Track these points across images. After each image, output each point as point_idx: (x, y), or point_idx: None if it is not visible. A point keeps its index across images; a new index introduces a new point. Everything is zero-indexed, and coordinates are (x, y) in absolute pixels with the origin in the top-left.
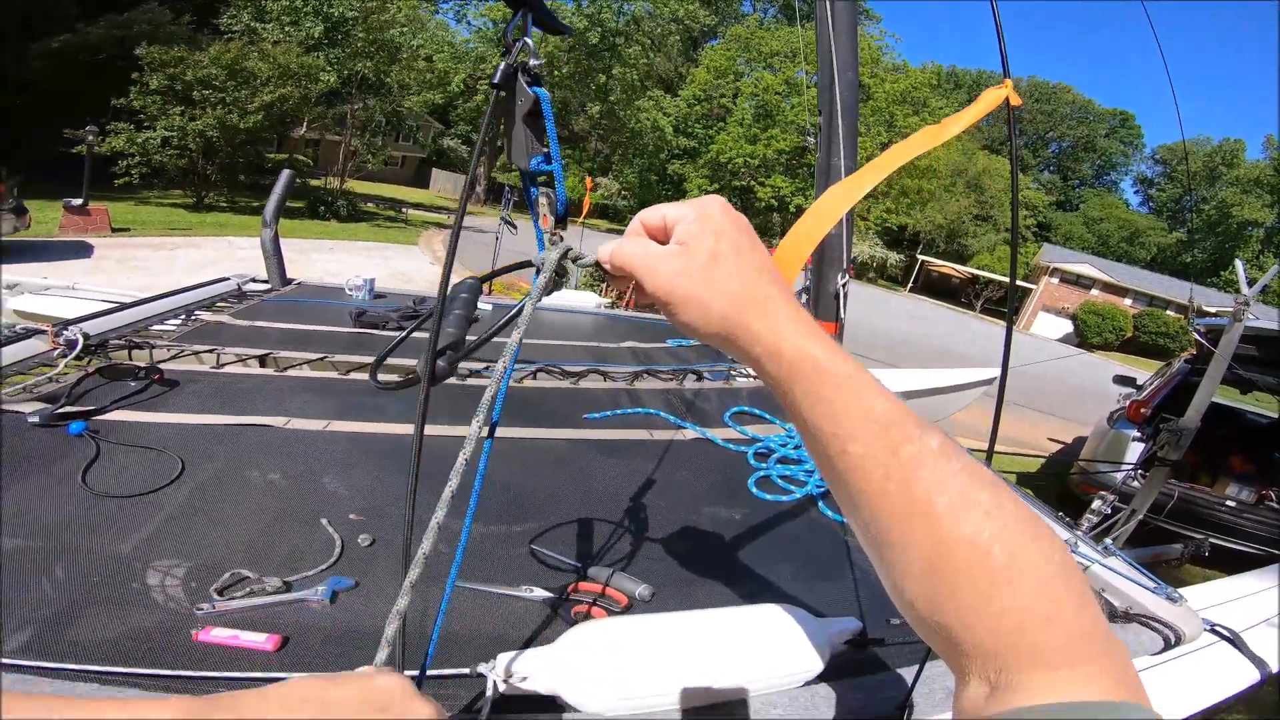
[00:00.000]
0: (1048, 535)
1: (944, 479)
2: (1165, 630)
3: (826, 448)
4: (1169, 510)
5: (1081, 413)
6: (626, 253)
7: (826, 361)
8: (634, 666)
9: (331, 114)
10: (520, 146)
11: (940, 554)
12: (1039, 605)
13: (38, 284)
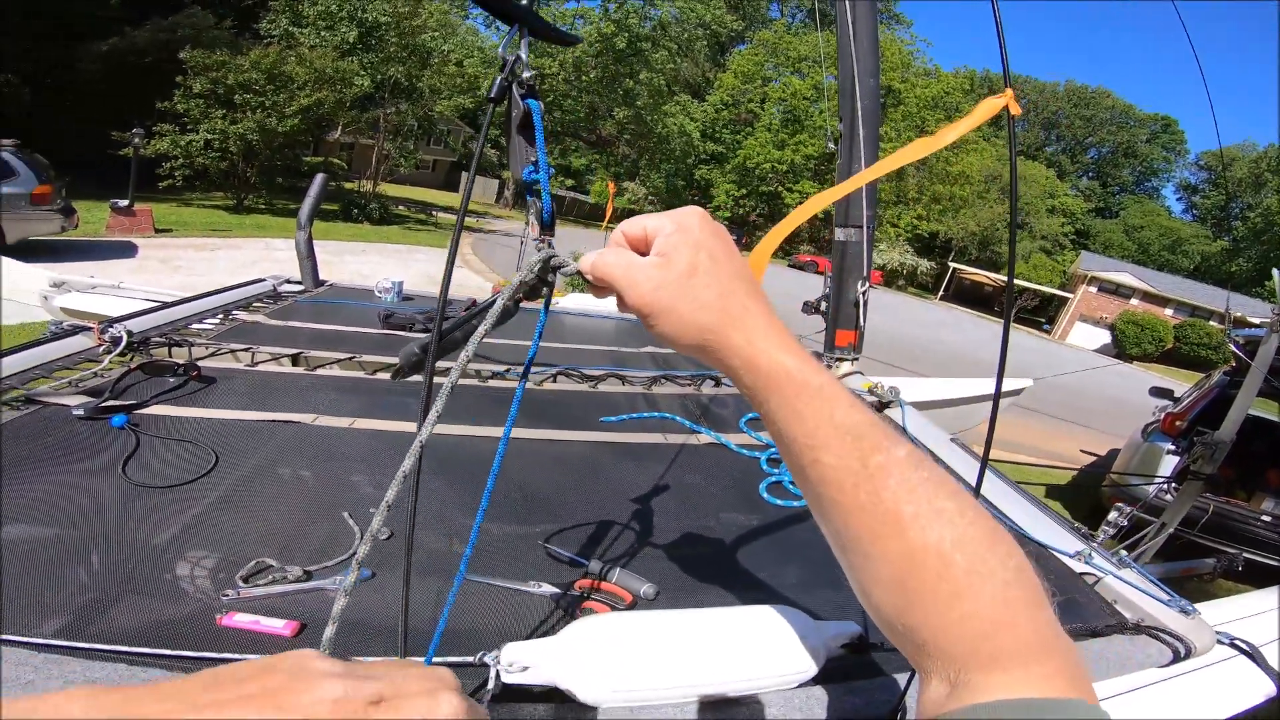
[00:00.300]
0: (1006, 541)
1: (911, 488)
2: (1175, 642)
3: (800, 457)
4: (1203, 525)
5: (1117, 425)
6: (607, 263)
7: (800, 373)
8: (633, 660)
9: (365, 118)
10: (516, 156)
11: (907, 560)
12: (996, 609)
13: (85, 282)
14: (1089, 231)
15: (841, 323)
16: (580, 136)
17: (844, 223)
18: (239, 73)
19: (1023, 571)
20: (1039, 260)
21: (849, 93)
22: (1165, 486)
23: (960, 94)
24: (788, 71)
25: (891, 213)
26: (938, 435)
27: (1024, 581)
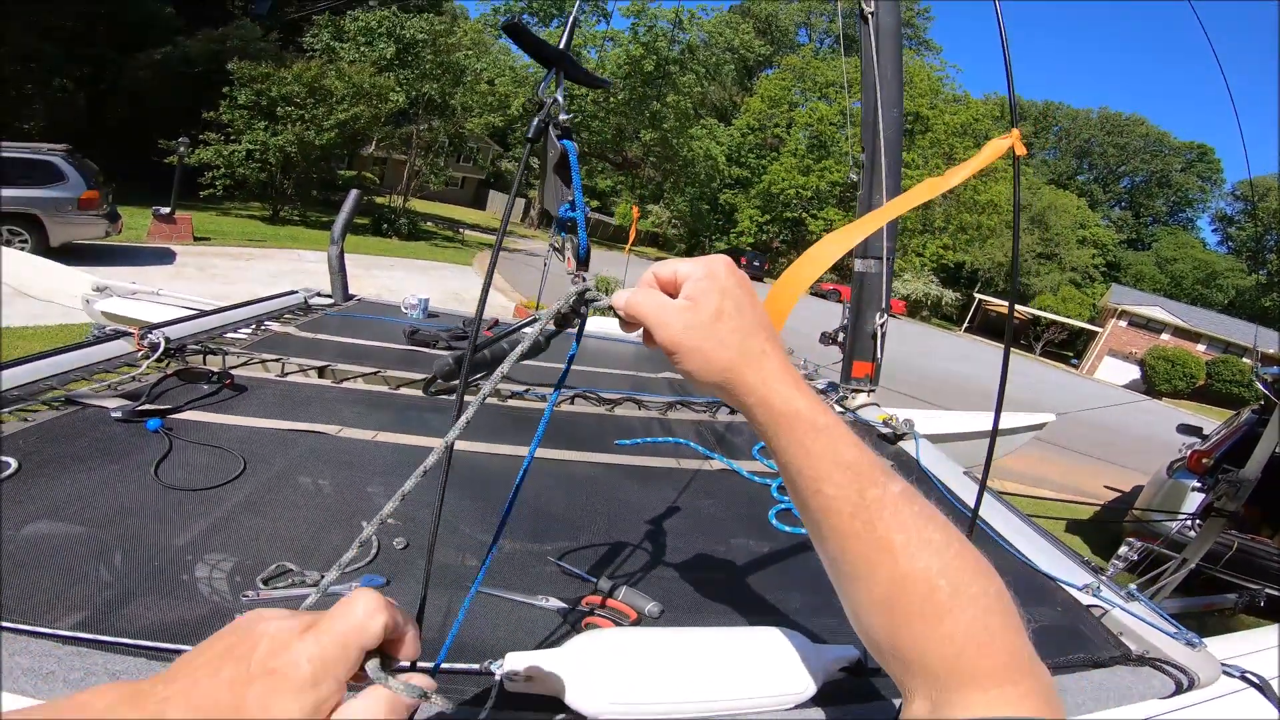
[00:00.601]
0: (987, 572)
1: (903, 520)
2: (1178, 674)
3: (804, 488)
4: (1227, 560)
5: (1143, 462)
6: (640, 303)
7: (807, 412)
8: (633, 675)
9: (399, 133)
10: (552, 194)
11: (896, 584)
12: (976, 632)
13: (126, 288)
14: (1120, 264)
15: (859, 354)
16: (606, 158)
17: (863, 254)
18: (282, 85)
19: (1001, 598)
20: (1068, 293)
21: (871, 123)
22: (1189, 523)
23: (989, 121)
24: (815, 97)
25: (916, 242)
26: (951, 468)
27: (1003, 608)
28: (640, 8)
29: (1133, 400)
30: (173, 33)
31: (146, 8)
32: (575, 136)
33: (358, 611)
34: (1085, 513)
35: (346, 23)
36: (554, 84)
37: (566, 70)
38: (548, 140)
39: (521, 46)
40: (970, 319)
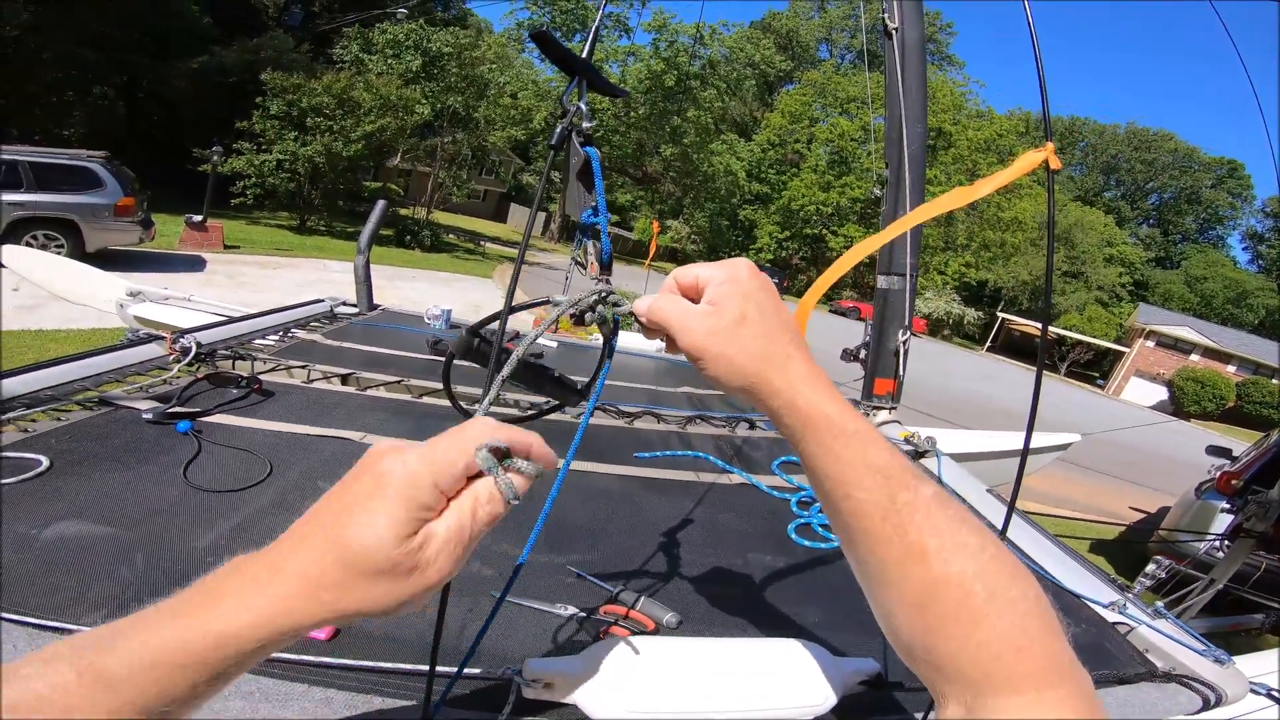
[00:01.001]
0: (1024, 575)
1: (936, 524)
2: (1205, 690)
3: (833, 492)
4: (1255, 581)
5: (1169, 483)
6: (662, 308)
7: (837, 417)
8: (650, 683)
9: (424, 146)
10: (574, 200)
11: (930, 590)
12: (1013, 637)
13: (159, 294)
14: (1148, 282)
15: (880, 371)
16: (626, 173)
17: (887, 270)
18: (312, 96)
19: (1039, 603)
20: (1094, 312)
21: (895, 139)
22: (1217, 543)
23: (1014, 136)
24: (835, 112)
25: (939, 259)
26: (974, 486)
27: (1040, 612)
28: (662, 23)
29: (1160, 421)
30: (209, 42)
31: (186, 17)
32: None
33: (464, 430)
34: (1110, 533)
35: (375, 35)
36: (576, 92)
37: (589, 79)
38: (570, 147)
39: (547, 54)
40: (994, 338)
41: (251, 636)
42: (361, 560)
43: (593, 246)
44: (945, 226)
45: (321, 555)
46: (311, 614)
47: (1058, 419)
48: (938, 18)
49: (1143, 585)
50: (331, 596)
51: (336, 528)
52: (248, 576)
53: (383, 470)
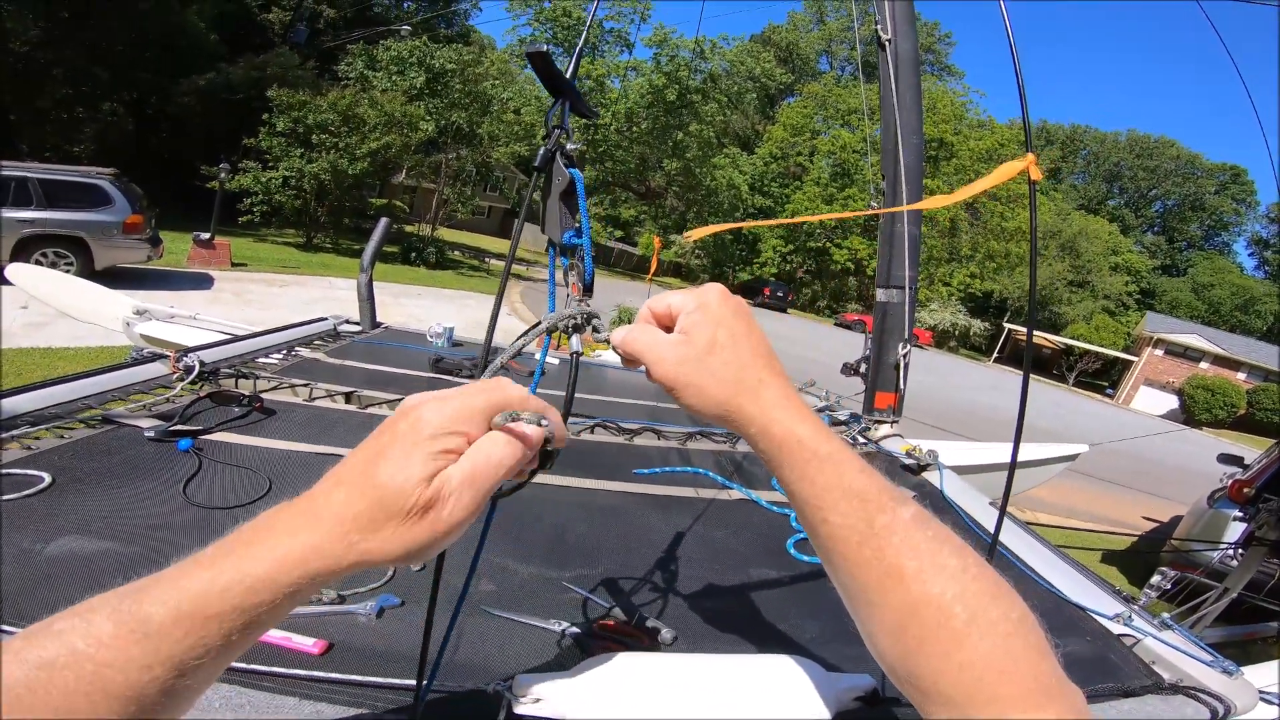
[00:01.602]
0: (1007, 595)
1: (914, 545)
2: (1213, 702)
3: (810, 516)
4: (1270, 589)
5: (1182, 492)
6: (634, 339)
7: (811, 441)
8: (643, 699)
9: (428, 162)
10: (554, 221)
11: (909, 612)
12: (996, 658)
13: (165, 312)
14: (1155, 290)
15: (881, 385)
16: (630, 187)
17: (885, 283)
18: (318, 113)
19: (1024, 623)
20: (1101, 321)
21: (891, 150)
22: (1230, 552)
23: (1015, 145)
24: (837, 124)
25: (943, 271)
26: (977, 499)
27: (1025, 633)
28: (663, 37)
29: (1171, 430)
30: (216, 59)
31: (193, 34)
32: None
33: (488, 385)
34: (1122, 543)
35: (379, 52)
36: (560, 114)
37: (572, 101)
38: (555, 168)
39: (539, 74)
40: (1000, 349)
41: (286, 579)
42: (393, 500)
43: (575, 268)
44: (949, 238)
45: (358, 497)
46: (340, 557)
47: (1067, 429)
48: (935, 28)
49: (1149, 596)
50: (361, 538)
51: (371, 470)
52: (282, 522)
53: (418, 417)
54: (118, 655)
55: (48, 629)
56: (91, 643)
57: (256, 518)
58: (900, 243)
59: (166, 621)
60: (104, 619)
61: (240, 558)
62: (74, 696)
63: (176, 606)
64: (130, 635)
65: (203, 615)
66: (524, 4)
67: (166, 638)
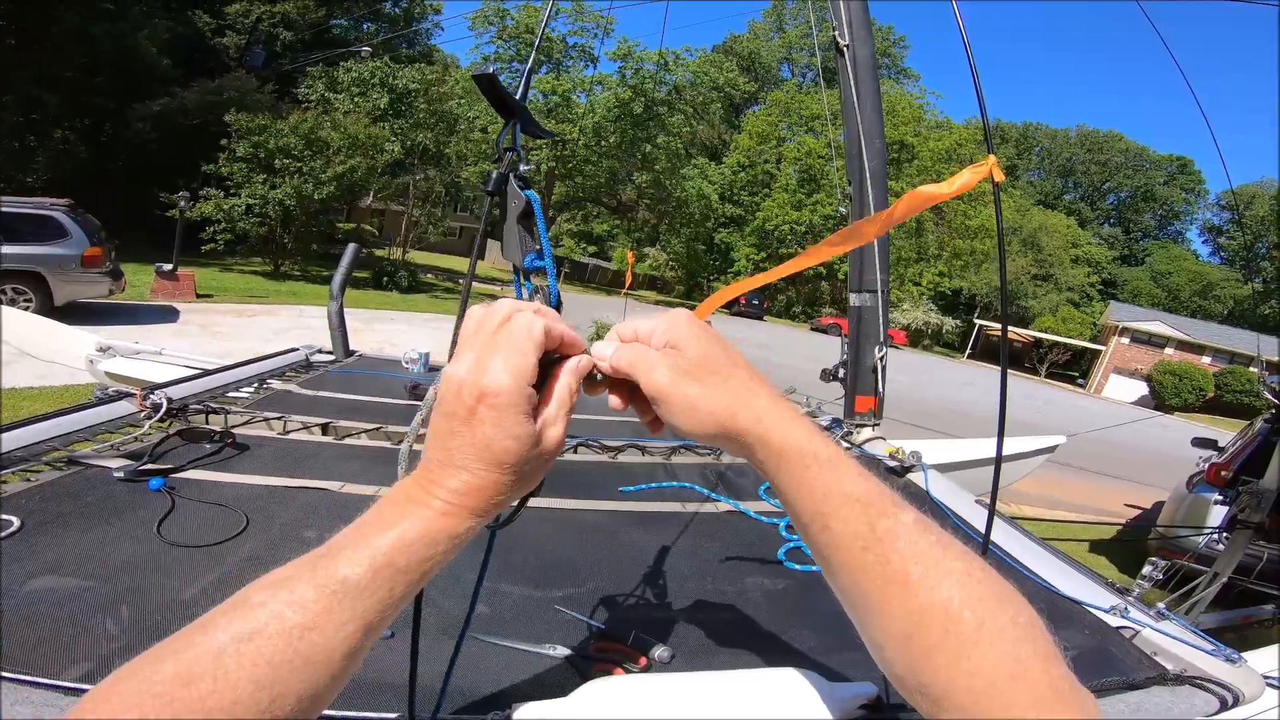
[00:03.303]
0: (1015, 600)
1: (918, 550)
2: (1221, 691)
3: (811, 524)
4: (1259, 572)
5: (1160, 477)
6: (625, 354)
7: (810, 445)
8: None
9: (396, 184)
10: (512, 245)
11: (915, 619)
12: (1006, 664)
13: (129, 348)
14: (1116, 280)
15: (860, 389)
16: (601, 202)
17: (858, 288)
18: (279, 137)
19: (1033, 627)
20: (1068, 313)
21: (855, 155)
22: (1216, 536)
23: (973, 145)
24: (801, 130)
25: (913, 270)
26: (962, 497)
27: (1034, 637)
28: (627, 51)
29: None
30: (171, 84)
31: (146, 59)
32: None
33: (525, 345)
34: (1108, 532)
35: (341, 74)
36: (510, 136)
37: (522, 122)
38: (510, 190)
39: (488, 96)
40: (972, 345)
41: (461, 527)
42: (518, 461)
43: (540, 293)
44: (916, 238)
45: (486, 471)
46: (491, 512)
47: (1042, 421)
48: (890, 32)
49: (1142, 587)
50: (503, 497)
51: (486, 452)
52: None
53: (497, 390)
54: (319, 618)
55: (245, 603)
56: (296, 608)
57: (391, 494)
58: (870, 247)
59: (364, 579)
60: (305, 585)
61: (416, 517)
62: (278, 667)
63: (371, 563)
64: (332, 597)
65: (393, 569)
66: (487, 22)
67: (363, 594)
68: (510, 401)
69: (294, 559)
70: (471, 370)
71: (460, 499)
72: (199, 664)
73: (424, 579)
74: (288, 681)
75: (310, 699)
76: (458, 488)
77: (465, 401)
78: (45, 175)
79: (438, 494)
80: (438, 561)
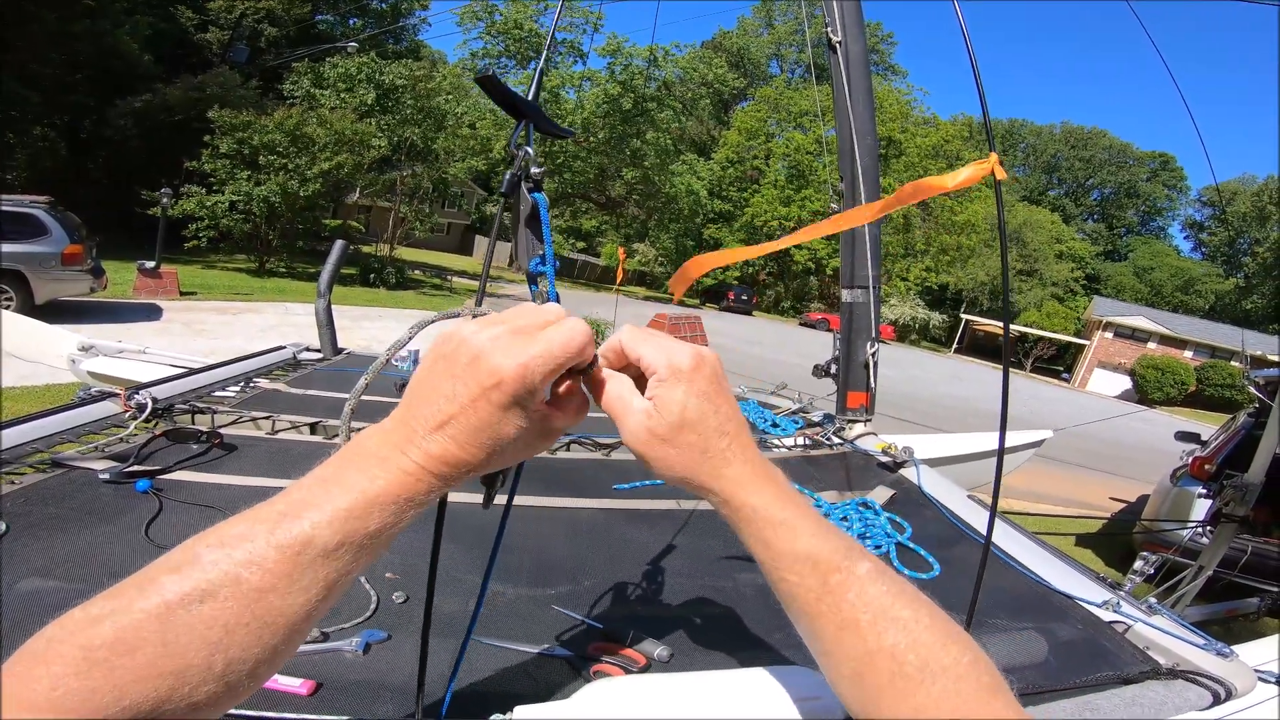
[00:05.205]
0: (959, 641)
1: (867, 599)
2: (1214, 685)
3: (769, 574)
4: (1243, 565)
5: (1144, 471)
6: (609, 394)
7: (764, 510)
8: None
9: (382, 180)
10: (524, 248)
11: (865, 661)
12: (948, 701)
13: (112, 347)
14: (1099, 275)
15: (852, 385)
16: (590, 198)
17: (850, 284)
18: (263, 134)
19: (976, 665)
20: (1052, 308)
21: (848, 151)
22: (1201, 530)
23: (959, 141)
24: (790, 126)
25: (900, 266)
26: (955, 493)
27: (975, 675)
28: (616, 47)
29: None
30: (152, 80)
31: (127, 55)
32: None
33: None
34: (1093, 526)
35: (326, 70)
36: (524, 136)
37: (536, 122)
38: (520, 194)
39: (493, 98)
40: (959, 340)
41: (424, 491)
42: (506, 453)
43: (540, 297)
44: (903, 233)
45: (475, 459)
46: (465, 479)
47: (1029, 415)
48: (878, 28)
49: (1133, 581)
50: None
51: (483, 436)
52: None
53: (509, 381)
54: (279, 580)
55: (195, 561)
56: (254, 570)
57: (356, 448)
58: (862, 243)
59: (330, 541)
60: (263, 545)
61: (387, 476)
62: (233, 630)
63: (338, 524)
64: (295, 559)
65: (361, 530)
66: (475, 18)
67: (329, 557)
68: (526, 396)
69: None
70: (499, 347)
71: (437, 464)
72: (143, 629)
73: (389, 541)
74: (244, 645)
75: (267, 661)
76: (438, 454)
77: (480, 377)
78: (25, 173)
79: (413, 454)
80: (405, 523)
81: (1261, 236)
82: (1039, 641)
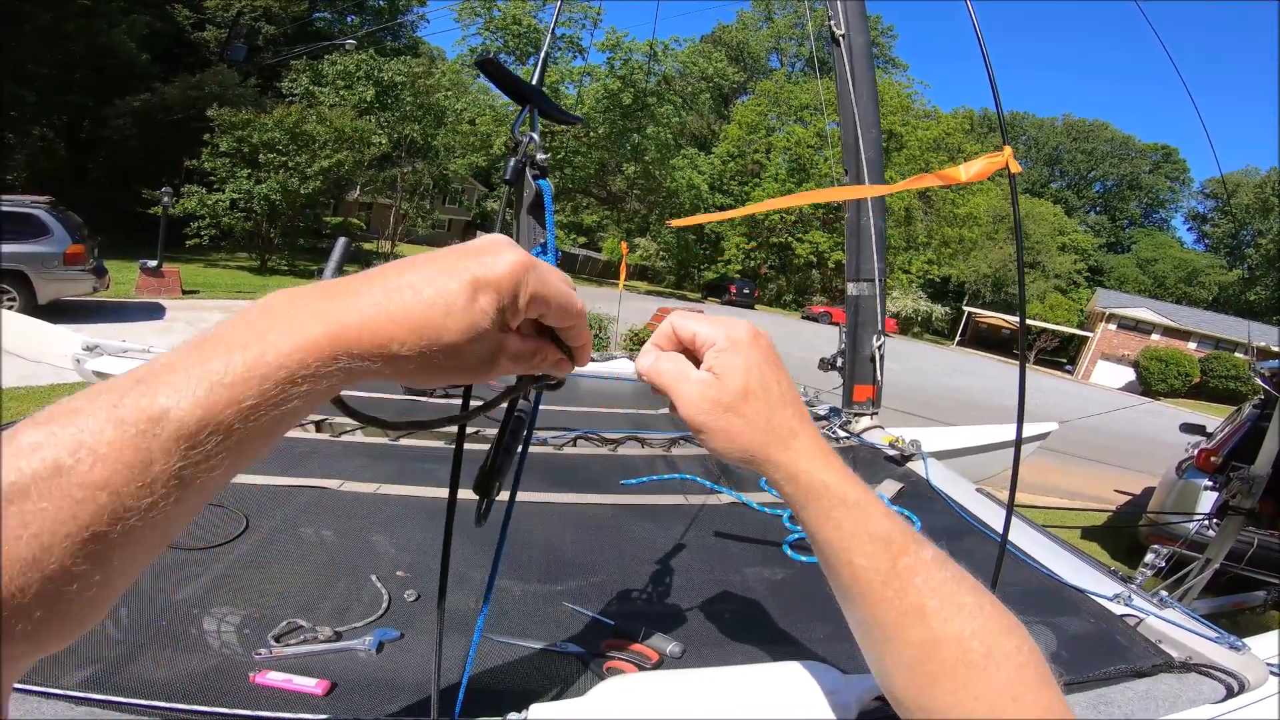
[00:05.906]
0: (1018, 629)
1: (934, 585)
2: (1227, 678)
3: (834, 558)
4: (1250, 558)
5: (1150, 464)
6: (663, 371)
7: (838, 488)
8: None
9: (383, 177)
10: (527, 237)
11: (928, 648)
12: (1010, 688)
13: (117, 346)
14: (1102, 268)
15: (859, 378)
16: (591, 193)
17: (855, 277)
18: (263, 132)
19: (1033, 655)
20: (1055, 300)
21: (852, 145)
22: (1207, 523)
23: (960, 134)
24: (790, 120)
25: (902, 258)
26: (963, 485)
27: (1035, 663)
28: (615, 41)
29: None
30: (150, 80)
31: (124, 54)
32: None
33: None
34: (1099, 518)
35: (325, 67)
36: (528, 121)
37: (541, 107)
38: (523, 180)
39: (495, 83)
40: (962, 332)
41: (333, 354)
42: (438, 357)
43: None
44: (905, 226)
45: (407, 344)
46: (377, 360)
47: (1033, 408)
48: (878, 21)
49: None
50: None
51: (437, 320)
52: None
53: (501, 279)
54: (115, 472)
55: (10, 444)
56: (84, 455)
57: (256, 305)
58: (868, 237)
59: (190, 419)
60: (103, 421)
61: (289, 330)
62: (49, 540)
63: (204, 397)
64: (137, 439)
65: (233, 406)
66: (473, 14)
67: (185, 441)
68: (509, 294)
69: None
70: (513, 247)
71: (354, 335)
72: None
73: (267, 440)
74: (63, 560)
75: (101, 584)
76: (357, 321)
77: (471, 252)
78: (24, 173)
79: (328, 316)
80: (290, 415)
81: (1265, 228)
82: (1051, 635)
